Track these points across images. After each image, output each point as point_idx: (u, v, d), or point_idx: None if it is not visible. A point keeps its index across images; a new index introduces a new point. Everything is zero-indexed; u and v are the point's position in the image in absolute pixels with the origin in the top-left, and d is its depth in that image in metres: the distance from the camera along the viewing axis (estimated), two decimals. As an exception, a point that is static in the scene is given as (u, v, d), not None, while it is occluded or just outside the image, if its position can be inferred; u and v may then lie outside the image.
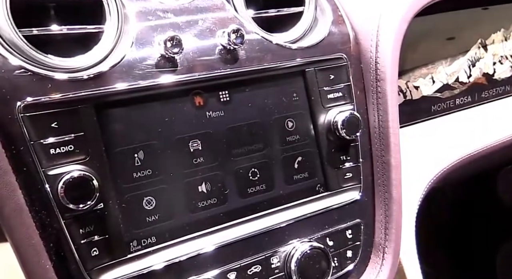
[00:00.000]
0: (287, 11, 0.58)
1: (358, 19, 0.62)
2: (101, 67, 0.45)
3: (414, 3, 0.59)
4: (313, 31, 0.60)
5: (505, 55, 0.81)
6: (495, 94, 0.82)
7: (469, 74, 0.77)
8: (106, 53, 0.46)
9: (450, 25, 0.74)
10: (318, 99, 0.57)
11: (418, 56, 0.71)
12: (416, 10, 0.60)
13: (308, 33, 0.59)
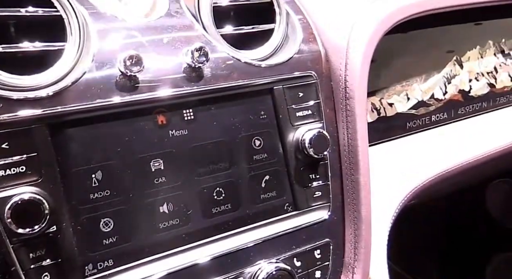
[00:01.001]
0: (258, 29, 0.58)
1: (329, 36, 0.61)
2: (59, 85, 0.44)
3: (383, 23, 0.59)
4: (283, 49, 0.59)
5: (481, 72, 0.82)
6: (471, 111, 0.82)
7: (445, 91, 0.77)
8: (65, 72, 0.45)
9: (424, 42, 0.74)
10: (286, 117, 0.56)
11: (392, 73, 0.71)
12: (385, 30, 0.60)
13: (279, 51, 0.59)
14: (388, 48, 0.69)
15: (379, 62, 0.69)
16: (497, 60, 0.84)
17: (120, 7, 0.54)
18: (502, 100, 0.86)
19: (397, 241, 1.17)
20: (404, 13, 0.61)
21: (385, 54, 0.70)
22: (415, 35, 0.72)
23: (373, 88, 0.69)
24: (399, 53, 0.71)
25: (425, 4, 0.65)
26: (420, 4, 0.64)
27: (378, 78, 0.70)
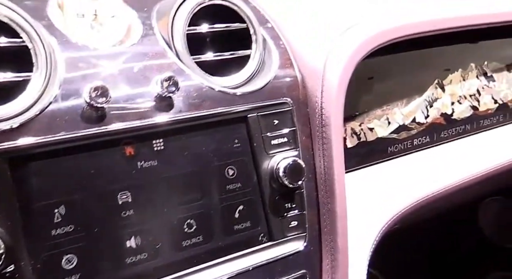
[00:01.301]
0: (233, 55, 0.57)
1: (305, 62, 0.61)
2: (22, 118, 0.43)
3: (358, 49, 0.59)
4: (259, 75, 0.59)
5: (463, 95, 0.81)
6: (455, 134, 0.81)
7: (427, 114, 0.77)
8: (30, 104, 0.44)
9: (405, 65, 0.74)
10: (261, 145, 0.55)
11: (372, 98, 0.71)
12: (361, 56, 0.59)
13: (254, 77, 0.58)
14: (368, 72, 0.69)
15: (359, 86, 0.69)
16: (480, 83, 0.83)
17: (93, 34, 0.54)
18: (486, 122, 0.85)
19: (385, 266, 1.16)
20: (380, 39, 0.61)
21: (365, 78, 0.69)
22: (395, 58, 0.72)
23: (352, 113, 0.68)
24: (379, 77, 0.71)
25: (403, 30, 0.64)
26: (397, 29, 0.63)
27: (358, 103, 0.69)
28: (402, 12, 0.68)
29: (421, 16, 0.69)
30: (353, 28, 0.60)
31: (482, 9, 0.78)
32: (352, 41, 0.59)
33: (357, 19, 0.64)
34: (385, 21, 0.63)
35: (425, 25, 0.68)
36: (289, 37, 0.64)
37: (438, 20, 0.69)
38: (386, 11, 0.69)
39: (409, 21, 0.66)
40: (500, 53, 0.86)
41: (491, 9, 0.79)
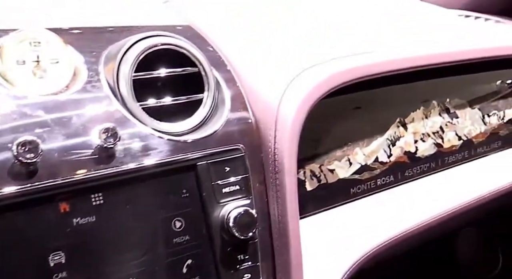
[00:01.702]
0: (184, 100, 0.56)
1: (259, 106, 0.60)
2: None
3: (312, 92, 0.58)
4: (211, 120, 0.57)
5: (426, 132, 0.81)
6: (419, 172, 0.80)
7: (390, 153, 0.75)
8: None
9: (366, 104, 0.73)
10: (211, 194, 0.53)
11: (332, 138, 0.69)
12: (315, 99, 0.58)
13: (206, 122, 0.57)
14: (327, 112, 0.68)
15: (318, 127, 0.67)
16: (443, 120, 0.83)
17: (34, 82, 0.51)
18: (451, 159, 0.85)
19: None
20: (334, 82, 0.60)
21: (324, 118, 0.68)
22: (355, 97, 0.71)
23: (312, 154, 0.67)
24: (339, 117, 0.70)
25: (360, 71, 0.64)
26: (353, 71, 0.63)
27: (318, 144, 0.68)
28: (359, 53, 0.68)
29: (379, 56, 0.69)
30: (307, 70, 0.60)
31: (443, 48, 0.79)
32: (304, 85, 0.58)
33: (312, 61, 0.63)
34: (340, 64, 0.63)
35: (383, 66, 0.68)
36: (245, 79, 0.63)
37: (396, 61, 0.69)
38: (343, 51, 0.68)
39: (366, 63, 0.66)
40: (462, 89, 0.86)
41: (452, 47, 0.80)
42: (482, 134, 0.89)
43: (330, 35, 0.76)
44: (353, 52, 0.68)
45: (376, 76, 0.68)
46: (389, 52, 0.71)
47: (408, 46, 0.76)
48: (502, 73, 0.94)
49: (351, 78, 0.63)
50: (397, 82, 0.76)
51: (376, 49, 0.71)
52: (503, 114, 0.93)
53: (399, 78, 0.76)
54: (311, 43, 0.72)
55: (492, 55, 0.84)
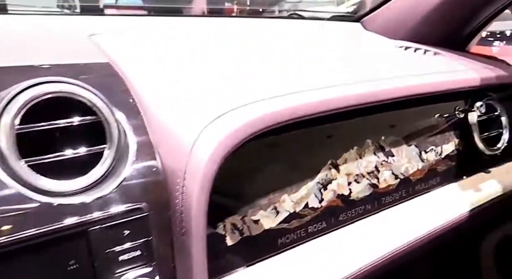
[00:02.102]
0: (84, 153, 0.49)
1: (170, 154, 0.54)
2: None
3: (224, 143, 0.53)
4: (111, 176, 0.51)
5: (361, 173, 0.77)
6: (354, 215, 0.76)
7: (321, 198, 0.71)
8: None
9: (293, 147, 0.69)
10: (104, 264, 0.46)
11: (256, 186, 0.64)
12: (232, 145, 0.53)
13: (106, 179, 0.50)
14: (249, 156, 0.63)
15: (239, 174, 0.62)
16: (378, 159, 0.80)
17: None
18: (388, 199, 0.81)
19: None
20: (253, 127, 0.56)
21: (246, 164, 0.63)
22: (281, 140, 0.67)
23: (233, 205, 0.62)
24: (263, 161, 0.65)
25: (279, 116, 0.60)
26: (271, 116, 0.58)
27: (239, 194, 0.63)
28: (282, 95, 0.64)
29: (304, 98, 0.65)
30: (217, 120, 0.55)
31: (374, 86, 0.76)
32: (219, 132, 0.53)
33: (230, 105, 0.58)
34: (258, 109, 0.58)
35: (307, 109, 0.64)
36: (159, 124, 0.57)
37: (321, 103, 0.65)
38: (266, 93, 0.64)
39: (288, 106, 0.62)
40: (397, 126, 0.84)
41: (383, 85, 0.78)
42: (419, 172, 0.87)
43: (254, 76, 0.73)
44: (275, 94, 0.64)
45: (301, 119, 0.64)
46: (315, 93, 0.67)
47: (338, 86, 0.72)
48: (439, 107, 0.93)
49: (270, 124, 0.58)
50: (328, 121, 0.73)
51: (303, 89, 0.68)
52: (440, 149, 0.91)
53: (329, 118, 0.72)
54: (233, 84, 0.68)
55: (423, 92, 0.83)
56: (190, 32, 1.06)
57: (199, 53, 0.83)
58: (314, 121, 0.69)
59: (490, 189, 0.97)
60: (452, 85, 0.90)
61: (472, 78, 0.94)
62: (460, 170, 0.95)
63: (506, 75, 1.03)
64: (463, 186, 0.93)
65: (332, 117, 0.71)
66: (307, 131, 0.70)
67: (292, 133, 0.67)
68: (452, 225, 0.89)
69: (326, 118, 0.71)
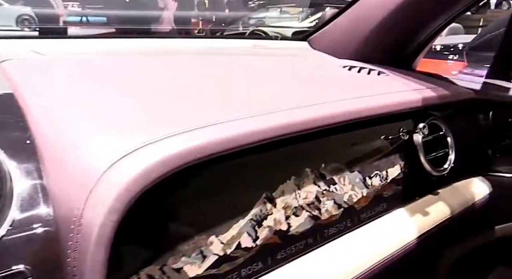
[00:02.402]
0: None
1: (63, 208, 0.46)
2: None
3: (127, 189, 0.45)
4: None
5: (300, 205, 0.71)
6: (294, 252, 0.70)
7: (256, 236, 0.65)
8: None
9: (220, 181, 0.62)
10: None
11: (177, 229, 0.57)
12: (137, 191, 0.46)
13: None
14: (167, 196, 0.56)
15: (154, 217, 0.55)
16: (318, 189, 0.74)
17: None
18: (332, 231, 0.76)
19: None
20: (160, 171, 0.49)
21: (163, 205, 0.56)
22: (206, 175, 0.60)
23: (148, 254, 0.54)
24: (184, 200, 0.58)
25: (191, 154, 0.53)
26: (183, 155, 0.52)
27: (156, 239, 0.55)
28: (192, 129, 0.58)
29: (228, 130, 0.59)
30: (119, 163, 0.47)
31: (308, 112, 0.71)
32: (116, 181, 0.46)
33: (132, 145, 0.51)
34: (169, 146, 0.51)
35: (233, 141, 0.58)
36: (57, 167, 0.50)
37: (245, 134, 0.59)
38: (183, 125, 0.58)
39: (210, 139, 0.56)
40: (338, 152, 0.79)
41: (319, 111, 0.73)
42: (364, 199, 0.82)
43: (182, 103, 0.66)
44: (199, 124, 0.57)
45: (228, 152, 0.58)
46: (246, 123, 0.61)
47: (271, 113, 0.67)
48: (383, 129, 0.89)
49: (188, 160, 0.52)
50: (261, 150, 0.67)
51: (234, 118, 0.62)
52: (386, 174, 0.87)
53: (260, 148, 0.66)
54: (153, 114, 0.61)
55: (365, 116, 0.79)
56: (125, 55, 0.99)
57: (128, 79, 0.76)
58: (244, 152, 0.63)
59: (439, 212, 0.93)
60: (395, 108, 0.86)
61: (415, 99, 0.92)
62: (407, 193, 0.91)
63: (449, 94, 1.01)
64: (411, 211, 0.89)
65: (265, 146, 0.66)
66: (237, 162, 0.64)
67: (219, 165, 0.61)
68: (401, 252, 0.84)
69: (258, 148, 0.65)
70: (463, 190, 1.03)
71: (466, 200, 1.00)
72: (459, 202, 0.98)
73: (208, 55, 1.12)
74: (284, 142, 0.69)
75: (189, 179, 0.57)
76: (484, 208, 1.03)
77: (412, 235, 0.86)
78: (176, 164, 0.51)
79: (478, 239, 1.10)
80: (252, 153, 0.65)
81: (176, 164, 0.51)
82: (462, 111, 1.09)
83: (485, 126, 1.13)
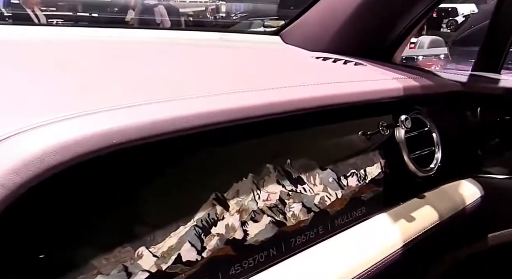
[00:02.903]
0: None
1: None
2: None
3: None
4: None
5: (260, 209, 0.59)
6: (252, 266, 0.57)
7: (201, 247, 0.52)
8: None
9: (153, 179, 0.49)
10: None
11: (90, 238, 0.44)
12: (10, 194, 0.33)
13: None
14: (75, 193, 0.43)
15: (56, 221, 0.42)
16: (283, 189, 0.62)
17: None
18: (299, 240, 0.63)
19: None
20: (55, 159, 0.36)
21: (69, 205, 0.43)
22: (132, 167, 0.48)
23: (46, 274, 0.40)
24: (102, 200, 0.45)
25: (100, 139, 0.40)
26: (90, 140, 0.39)
27: (58, 253, 0.42)
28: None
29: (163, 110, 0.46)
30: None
31: (267, 96, 0.59)
32: None
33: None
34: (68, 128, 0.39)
35: (170, 124, 0.45)
36: None
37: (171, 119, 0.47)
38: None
39: (137, 120, 0.43)
40: (307, 146, 0.67)
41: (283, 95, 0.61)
42: (339, 202, 0.70)
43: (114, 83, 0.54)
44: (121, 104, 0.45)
45: (156, 138, 0.45)
46: (188, 103, 0.49)
47: (220, 95, 0.55)
48: (360, 123, 0.78)
49: (96, 148, 0.39)
50: (208, 141, 0.55)
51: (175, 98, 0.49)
52: (364, 173, 0.75)
53: (211, 137, 0.54)
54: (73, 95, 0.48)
55: (337, 103, 0.67)
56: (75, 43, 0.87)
57: (63, 64, 0.64)
58: (186, 141, 0.51)
59: (425, 218, 0.81)
60: (373, 95, 0.75)
61: (396, 88, 0.80)
62: (389, 196, 0.79)
63: (433, 84, 0.90)
64: (393, 216, 0.77)
65: (213, 135, 0.53)
66: (175, 154, 0.51)
67: (149, 156, 0.48)
68: (383, 265, 0.72)
69: (205, 137, 0.53)
70: (452, 192, 0.91)
71: (455, 204, 0.89)
72: (448, 206, 0.87)
73: (166, 44, 1.00)
74: (239, 131, 0.56)
75: (107, 171, 0.44)
76: (475, 213, 0.92)
77: (395, 244, 0.74)
78: (82, 150, 0.38)
79: (470, 248, 0.98)
80: (195, 142, 0.52)
81: (82, 150, 0.38)
82: (448, 106, 0.98)
83: (473, 123, 1.02)
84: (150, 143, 0.45)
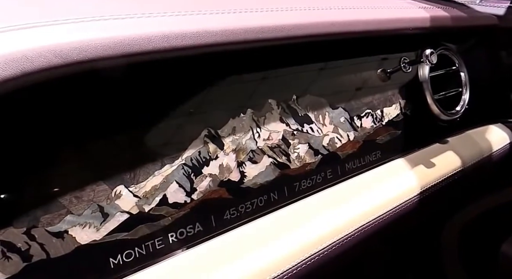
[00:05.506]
0: None
1: None
2: None
3: None
4: None
5: (260, 148, 0.52)
6: (249, 213, 0.51)
7: (191, 188, 0.46)
8: None
9: (136, 108, 0.43)
10: None
11: (61, 171, 0.38)
12: None
13: None
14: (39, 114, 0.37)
15: (16, 154, 0.36)
16: (287, 128, 0.55)
17: None
18: (304, 185, 0.57)
19: None
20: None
21: (40, 134, 0.37)
22: (113, 91, 0.41)
23: (3, 211, 0.35)
24: (74, 128, 0.39)
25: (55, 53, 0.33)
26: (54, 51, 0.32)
27: (17, 187, 0.37)
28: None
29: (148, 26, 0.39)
30: None
31: (273, 18, 0.51)
32: None
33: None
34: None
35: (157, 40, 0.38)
36: None
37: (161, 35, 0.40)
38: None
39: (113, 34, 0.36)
40: (316, 81, 0.59)
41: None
42: (351, 144, 0.63)
43: None
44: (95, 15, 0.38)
45: (137, 59, 0.38)
46: (173, 20, 0.41)
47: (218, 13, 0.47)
48: (378, 58, 0.69)
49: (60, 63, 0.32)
50: (203, 70, 0.48)
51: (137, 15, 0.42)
52: (381, 114, 0.68)
53: (206, 64, 0.47)
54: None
55: (354, 31, 0.58)
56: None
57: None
58: (176, 66, 0.44)
59: (447, 164, 0.74)
60: (394, 24, 0.66)
61: (420, 17, 0.70)
62: (407, 140, 0.72)
63: (464, 16, 0.80)
64: (412, 161, 0.70)
65: (209, 61, 0.46)
66: (161, 80, 0.44)
67: (131, 79, 0.42)
68: (397, 213, 0.65)
69: (198, 63, 0.45)
70: (478, 138, 0.83)
71: (481, 150, 0.81)
72: (473, 152, 0.79)
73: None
74: (239, 59, 0.49)
75: (75, 93, 0.38)
76: (502, 161, 0.84)
77: (411, 191, 0.67)
78: (40, 64, 0.32)
79: (495, 199, 0.91)
80: (186, 68, 0.45)
81: (40, 64, 0.32)
82: (481, 43, 0.88)
83: (508, 63, 0.92)
84: (131, 65, 0.38)
